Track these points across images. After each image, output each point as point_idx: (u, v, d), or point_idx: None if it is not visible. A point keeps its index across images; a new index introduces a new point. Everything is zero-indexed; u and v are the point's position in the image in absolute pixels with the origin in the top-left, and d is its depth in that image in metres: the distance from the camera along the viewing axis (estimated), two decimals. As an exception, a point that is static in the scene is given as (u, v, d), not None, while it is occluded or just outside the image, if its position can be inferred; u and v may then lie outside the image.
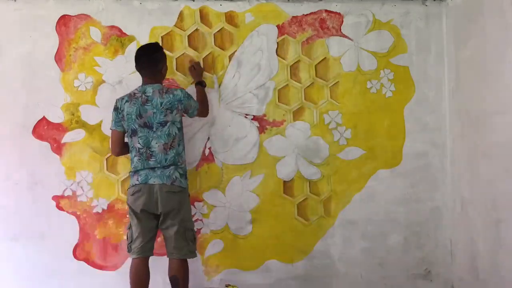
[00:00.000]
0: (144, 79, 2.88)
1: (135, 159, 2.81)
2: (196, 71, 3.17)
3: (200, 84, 3.14)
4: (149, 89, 2.82)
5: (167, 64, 3.01)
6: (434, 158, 3.40)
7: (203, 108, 3.05)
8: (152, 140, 2.79)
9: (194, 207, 3.24)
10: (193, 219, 3.22)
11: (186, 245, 2.81)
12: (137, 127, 2.80)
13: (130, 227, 2.85)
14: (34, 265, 3.11)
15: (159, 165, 2.77)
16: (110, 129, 2.92)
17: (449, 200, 3.38)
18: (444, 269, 3.39)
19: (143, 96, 2.81)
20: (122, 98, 2.87)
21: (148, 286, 2.82)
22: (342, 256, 3.33)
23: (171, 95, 2.82)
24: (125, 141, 2.92)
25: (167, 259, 2.83)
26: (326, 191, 3.33)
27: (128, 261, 3.14)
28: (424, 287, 3.38)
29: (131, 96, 2.84)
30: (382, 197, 3.36)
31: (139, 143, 2.79)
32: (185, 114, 2.94)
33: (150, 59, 2.87)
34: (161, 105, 2.79)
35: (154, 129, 2.79)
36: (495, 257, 2.90)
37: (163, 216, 2.79)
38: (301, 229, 3.31)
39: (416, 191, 3.38)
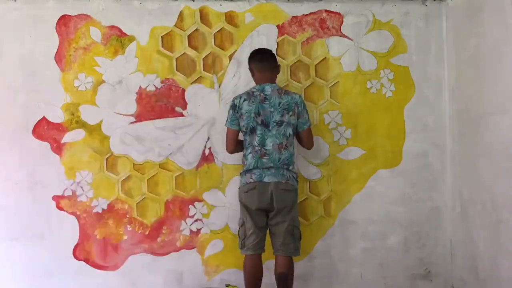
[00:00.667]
0: (263, 78, 2.91)
1: (249, 156, 2.85)
2: None
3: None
4: (268, 88, 2.88)
5: (168, 63, 3.00)
6: (434, 158, 3.40)
7: (310, 138, 3.03)
8: (267, 138, 2.83)
9: (194, 207, 3.24)
10: (193, 219, 3.24)
11: (293, 242, 2.85)
12: (255, 125, 2.84)
13: (243, 224, 2.87)
14: (34, 265, 3.11)
15: (272, 165, 2.82)
16: (226, 126, 2.94)
17: (449, 200, 3.38)
18: (444, 269, 3.39)
19: (262, 94, 2.87)
20: (240, 97, 2.91)
21: (261, 282, 2.87)
22: (342, 256, 3.34)
23: (289, 97, 2.88)
24: (239, 138, 2.97)
25: (168, 259, 2.83)
26: (326, 191, 3.33)
27: (128, 261, 3.17)
28: (424, 287, 3.38)
29: (249, 95, 2.89)
30: (382, 197, 3.36)
31: (255, 140, 2.84)
32: (297, 121, 2.93)
33: (272, 60, 2.97)
34: (279, 105, 2.84)
35: (270, 127, 2.84)
36: (495, 257, 2.90)
37: (275, 213, 2.83)
38: (301, 229, 3.28)
39: (416, 191, 3.38)
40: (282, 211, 2.82)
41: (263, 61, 2.95)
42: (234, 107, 2.90)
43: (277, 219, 2.84)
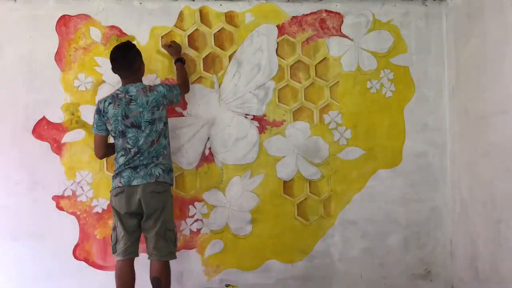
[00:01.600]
0: (124, 79, 2.84)
1: (121, 159, 2.78)
2: (174, 48, 3.13)
3: (180, 61, 3.10)
4: (132, 89, 2.78)
5: (168, 63, 2.99)
6: (434, 158, 3.40)
7: (184, 87, 3.04)
8: (141, 139, 2.75)
9: (194, 207, 3.24)
10: (193, 219, 3.23)
11: (166, 245, 2.77)
12: (124, 128, 2.76)
13: (114, 228, 2.82)
14: (34, 265, 3.11)
15: (144, 162, 2.74)
16: (93, 132, 2.88)
17: (449, 200, 3.38)
18: (444, 269, 3.39)
19: (127, 96, 2.77)
20: (104, 100, 2.81)
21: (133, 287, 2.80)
22: (342, 256, 3.34)
23: (155, 92, 2.79)
24: (108, 142, 2.92)
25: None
26: (326, 191, 3.33)
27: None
28: (424, 287, 3.38)
29: (114, 98, 2.79)
30: (382, 197, 3.36)
31: (128, 143, 2.76)
32: (171, 105, 2.95)
33: (125, 59, 2.82)
34: (147, 104, 2.76)
35: (143, 128, 2.75)
36: (495, 257, 2.90)
37: (146, 217, 2.76)
38: (301, 229, 3.31)
39: (416, 191, 3.38)
40: (152, 215, 2.75)
41: (116, 63, 2.83)
42: (99, 112, 2.80)
43: (148, 223, 2.76)
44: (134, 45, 2.93)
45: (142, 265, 2.85)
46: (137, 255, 2.84)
